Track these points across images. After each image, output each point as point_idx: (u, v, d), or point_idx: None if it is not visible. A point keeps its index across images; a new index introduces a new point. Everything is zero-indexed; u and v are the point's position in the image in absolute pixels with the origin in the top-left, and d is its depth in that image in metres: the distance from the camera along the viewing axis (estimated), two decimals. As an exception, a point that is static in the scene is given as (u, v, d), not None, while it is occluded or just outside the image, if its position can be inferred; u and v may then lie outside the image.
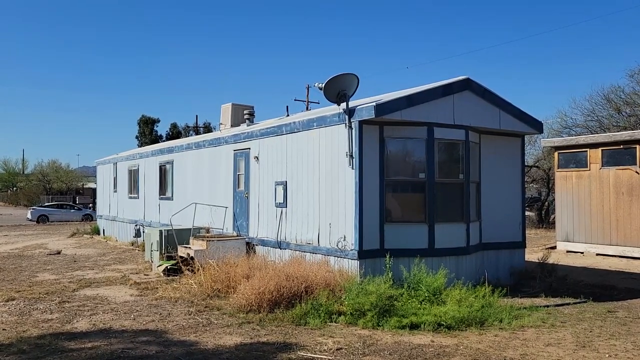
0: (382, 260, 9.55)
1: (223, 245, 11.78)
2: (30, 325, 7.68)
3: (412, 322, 7.53)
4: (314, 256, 10.35)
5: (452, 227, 10.04)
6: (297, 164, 11.05)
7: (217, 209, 13.76)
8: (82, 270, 13.20)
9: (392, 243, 9.63)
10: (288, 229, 11.26)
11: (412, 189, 10.04)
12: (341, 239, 9.72)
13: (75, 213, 37.09)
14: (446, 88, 10.00)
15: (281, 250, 11.41)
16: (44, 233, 25.96)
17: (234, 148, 13.47)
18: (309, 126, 10.69)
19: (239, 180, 13.23)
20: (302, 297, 8.33)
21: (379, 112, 9.11)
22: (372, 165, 9.60)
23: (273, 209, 11.80)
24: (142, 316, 8.20)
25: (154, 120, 61.66)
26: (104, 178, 23.73)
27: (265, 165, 12.16)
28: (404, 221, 9.83)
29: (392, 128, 9.75)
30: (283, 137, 11.55)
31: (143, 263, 14.05)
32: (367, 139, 9.57)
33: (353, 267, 9.41)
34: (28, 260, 15.12)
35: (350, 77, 9.75)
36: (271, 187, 11.90)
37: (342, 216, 9.77)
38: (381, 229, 9.66)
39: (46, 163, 69.29)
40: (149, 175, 18.65)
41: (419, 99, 9.65)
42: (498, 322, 7.73)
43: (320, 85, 9.83)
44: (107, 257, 15.92)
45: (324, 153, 10.30)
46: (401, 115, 9.46)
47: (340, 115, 9.79)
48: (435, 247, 9.77)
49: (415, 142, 9.88)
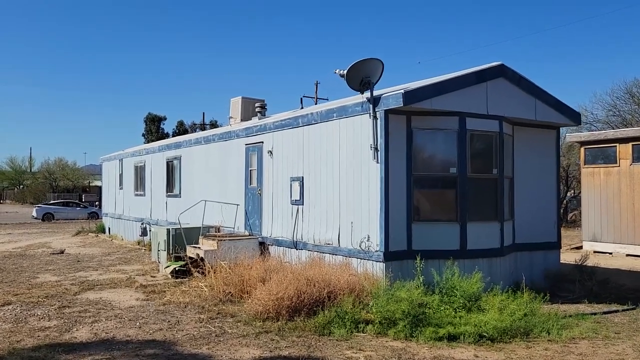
0: (409, 262, 8.75)
1: (235, 246, 11.02)
2: (26, 334, 6.93)
3: (449, 333, 6.74)
4: (334, 257, 9.56)
5: (485, 226, 9.21)
6: (315, 158, 10.26)
7: (228, 207, 13.00)
8: (86, 271, 12.49)
9: (421, 244, 8.82)
10: (305, 228, 10.48)
11: (442, 185, 9.23)
12: (364, 239, 8.92)
13: (81, 211, 36.49)
14: (479, 75, 9.18)
15: (297, 250, 10.63)
16: (49, 231, 25.33)
17: (245, 142, 12.70)
18: (329, 117, 9.89)
19: (251, 176, 12.46)
20: (324, 304, 7.55)
21: (407, 100, 8.30)
22: (398, 159, 8.80)
23: (288, 206, 11.01)
24: (149, 324, 7.44)
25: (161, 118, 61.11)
26: (110, 175, 23.04)
27: (280, 159, 11.38)
28: (434, 220, 9.02)
29: (420, 118, 8.93)
30: (299, 129, 10.76)
31: (150, 263, 13.32)
32: (394, 130, 8.77)
33: (378, 270, 8.61)
34: (30, 260, 14.43)
35: (375, 62, 8.94)
36: (286, 183, 11.12)
37: (365, 214, 8.98)
38: (408, 229, 8.86)
39: (53, 161, 68.88)
40: (155, 171, 17.93)
41: (450, 87, 8.84)
42: (545, 333, 6.91)
43: (341, 72, 9.03)
44: (112, 256, 15.21)
45: (344, 146, 9.51)
46: (431, 104, 8.65)
47: (364, 104, 8.99)
48: (467, 249, 8.95)
49: (446, 134, 9.06)
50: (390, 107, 8.55)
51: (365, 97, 8.98)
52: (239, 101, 16.26)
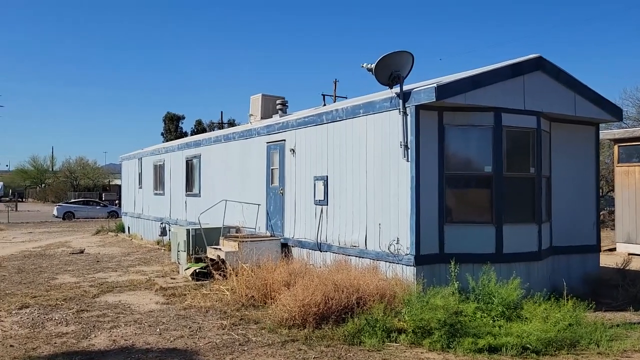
0: (441, 266, 8.29)
1: (256, 247, 10.65)
2: (42, 340, 6.64)
3: (489, 344, 6.26)
4: (361, 260, 9.13)
5: (522, 228, 8.69)
6: (340, 157, 9.83)
7: (249, 207, 12.64)
8: (105, 272, 12.24)
9: (454, 247, 8.35)
10: (329, 229, 10.06)
11: (477, 185, 8.73)
12: (394, 241, 8.47)
13: (101, 210, 36.58)
14: (515, 68, 8.65)
15: (321, 252, 10.22)
16: (69, 230, 25.32)
17: (267, 140, 12.32)
18: (355, 113, 9.46)
19: (273, 175, 12.08)
20: (353, 311, 7.12)
21: (440, 95, 7.83)
22: (430, 157, 8.33)
23: (312, 206, 10.61)
24: (169, 330, 7.10)
25: (179, 117, 61.24)
26: (129, 174, 22.90)
27: (303, 158, 10.98)
28: (467, 222, 8.52)
29: (453, 114, 8.45)
30: (323, 126, 10.34)
31: (169, 264, 13.04)
32: (425, 126, 8.30)
33: (408, 275, 8.16)
34: (49, 260, 14.26)
35: (405, 55, 8.48)
36: (309, 182, 10.71)
37: (394, 215, 8.53)
38: (440, 231, 8.39)
39: (74, 160, 69.50)
40: (175, 170, 17.67)
41: (485, 81, 8.33)
42: (594, 345, 6.39)
43: (369, 66, 8.58)
44: (131, 257, 14.98)
45: (372, 143, 9.06)
46: (465, 99, 8.16)
47: (393, 99, 8.53)
48: (503, 252, 8.44)
49: (481, 131, 8.55)
50: (421, 102, 8.08)
51: (395, 92, 8.52)
52: (259, 99, 15.90)
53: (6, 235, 22.25)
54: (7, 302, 8.74)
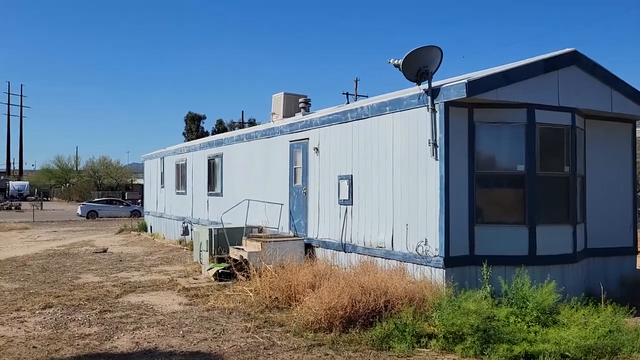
0: (471, 269, 8.00)
1: (280, 247, 10.48)
2: (65, 342, 6.55)
3: (525, 352, 5.97)
4: (387, 262, 8.88)
5: (556, 229, 8.35)
6: (366, 155, 9.59)
7: (271, 207, 12.48)
8: (128, 271, 12.21)
9: (484, 249, 8.05)
10: (354, 229, 9.83)
11: (509, 184, 8.41)
12: (422, 242, 8.21)
13: (123, 209, 36.93)
14: (549, 62, 8.31)
15: (346, 253, 9.99)
16: (92, 229, 25.54)
17: (290, 139, 12.14)
18: (381, 111, 9.21)
19: (296, 174, 11.89)
20: (381, 314, 6.89)
21: (471, 91, 7.53)
22: (459, 155, 8.05)
23: (336, 206, 10.39)
24: (193, 332, 6.95)
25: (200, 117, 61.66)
26: (151, 173, 22.98)
27: (327, 157, 10.77)
28: (499, 222, 8.21)
29: (483, 111, 8.15)
30: (348, 124, 10.12)
31: (192, 264, 12.95)
32: (454, 124, 8.02)
33: (437, 277, 7.88)
34: (73, 259, 14.31)
35: (433, 50, 8.20)
36: (334, 181, 10.49)
37: (422, 216, 8.26)
38: (471, 232, 8.10)
39: (97, 160, 70.46)
40: (197, 169, 17.63)
41: (517, 76, 8.01)
42: (637, 353, 6.05)
43: (396, 62, 8.33)
44: (153, 256, 14.96)
45: (399, 142, 8.81)
46: (497, 95, 7.85)
47: (421, 96, 8.26)
48: (536, 254, 8.12)
49: (513, 128, 8.23)
50: (451, 98, 7.80)
51: (423, 88, 8.25)
52: (281, 97, 15.73)
53: (31, 234, 22.53)
54: (31, 302, 8.72)
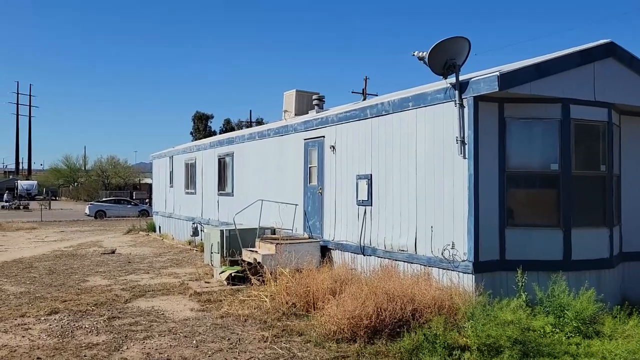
0: (502, 274, 7.51)
1: (295, 250, 10.03)
2: (71, 352, 6.12)
3: (570, 367, 5.48)
4: (410, 266, 8.41)
5: (592, 232, 7.84)
6: (386, 154, 9.12)
7: (285, 207, 12.03)
8: (137, 273, 11.80)
9: (516, 253, 7.55)
10: (374, 231, 9.36)
11: (541, 184, 7.90)
12: (448, 246, 7.72)
13: (132, 208, 36.63)
14: (585, 55, 7.80)
15: (365, 256, 9.53)
16: (100, 229, 25.22)
17: (304, 137, 11.68)
18: (403, 106, 8.73)
19: (311, 174, 11.43)
20: (409, 324, 6.41)
21: (503, 85, 7.04)
22: (489, 153, 7.55)
23: (354, 207, 9.92)
24: (207, 342, 6.51)
25: (208, 116, 61.41)
26: (160, 173, 22.60)
27: (344, 155, 10.30)
28: (531, 225, 7.71)
29: (515, 106, 7.65)
30: (367, 121, 9.64)
31: (202, 266, 12.53)
32: (484, 120, 7.52)
33: (466, 283, 7.40)
34: (80, 261, 13.93)
35: (461, 41, 7.72)
36: (351, 181, 10.02)
37: (449, 217, 7.78)
38: (501, 235, 7.60)
39: (105, 159, 70.34)
40: (206, 169, 17.21)
41: (552, 68, 7.50)
42: (692, 370, 5.55)
43: (421, 54, 7.85)
44: (163, 257, 14.55)
45: (422, 139, 8.33)
46: (530, 89, 7.35)
47: (448, 90, 7.78)
48: (572, 259, 7.61)
49: (546, 124, 7.73)
50: (480, 92, 7.31)
51: (449, 82, 7.77)
52: (293, 94, 15.29)
53: (39, 234, 22.22)
54: (37, 307, 8.31)
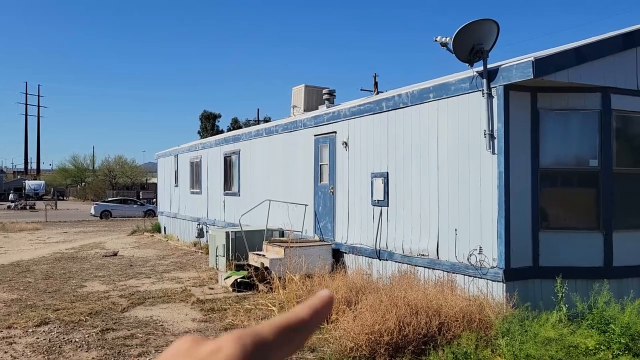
0: (535, 282, 6.78)
1: (305, 253, 9.34)
2: (56, 372, 5.47)
3: (625, 393, 4.74)
4: (432, 272, 7.69)
5: (635, 236, 7.09)
6: (404, 150, 8.40)
7: (295, 208, 11.33)
8: (137, 278, 11.16)
9: (551, 259, 6.81)
10: (391, 234, 8.65)
11: (579, 182, 7.15)
12: (475, 251, 7.00)
13: (137, 208, 36.07)
14: (627, 38, 7.04)
15: (381, 261, 8.82)
16: (105, 230, 24.65)
17: (314, 133, 10.99)
18: (423, 98, 8.01)
19: (322, 172, 10.73)
20: (435, 340, 5.70)
21: (539, 71, 6.30)
22: (520, 148, 6.82)
23: (369, 207, 9.21)
24: None
25: (216, 116, 60.87)
26: (165, 172, 21.99)
27: (358, 152, 9.59)
28: (568, 228, 6.97)
29: (549, 96, 6.91)
30: (383, 115, 8.93)
31: (207, 270, 11.86)
32: (515, 111, 6.79)
33: (496, 292, 6.67)
34: (80, 264, 13.31)
35: (489, 24, 6.98)
36: (366, 179, 9.32)
37: (475, 219, 7.05)
38: (534, 239, 6.87)
39: (112, 159, 70.00)
40: (212, 167, 16.56)
41: (592, 53, 6.76)
42: None
43: (444, 40, 7.12)
44: (166, 260, 13.91)
45: (445, 133, 7.60)
46: (568, 77, 6.61)
47: (474, 79, 7.05)
48: (613, 265, 6.86)
49: (584, 116, 6.98)
50: (512, 81, 6.57)
51: (476, 70, 7.04)
52: (302, 90, 14.57)
53: (41, 235, 21.68)
54: (26, 317, 7.67)
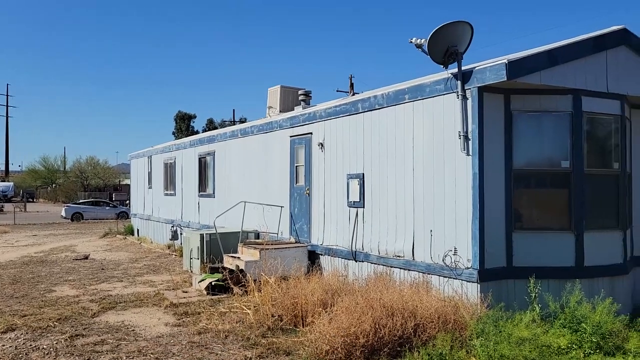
0: (509, 283, 6.84)
1: (281, 255, 9.26)
2: (22, 380, 5.28)
3: (597, 392, 4.81)
4: (407, 273, 7.70)
5: (605, 236, 7.21)
6: (380, 151, 8.40)
7: (270, 209, 11.24)
8: (109, 282, 10.91)
9: (524, 259, 6.88)
10: (367, 235, 8.63)
11: (551, 183, 7.24)
12: (450, 252, 7.02)
13: (110, 210, 35.42)
14: (598, 41, 7.16)
15: (357, 262, 8.79)
16: (76, 232, 24.11)
17: (290, 134, 10.92)
18: (398, 99, 8.01)
19: (298, 173, 10.67)
20: (411, 342, 5.69)
21: (512, 73, 6.35)
22: (494, 149, 6.87)
23: (344, 209, 9.19)
24: (181, 365, 5.71)
25: (191, 116, 60.21)
26: (138, 173, 21.62)
27: (334, 153, 9.56)
28: (540, 228, 7.05)
29: (522, 98, 6.98)
30: (359, 116, 8.91)
31: (181, 273, 11.69)
32: (489, 113, 6.84)
33: (471, 293, 6.70)
34: (49, 267, 12.97)
35: (462, 26, 7.01)
36: (341, 181, 9.29)
37: (450, 220, 7.08)
38: (508, 239, 6.93)
39: (84, 160, 68.61)
40: (186, 169, 16.34)
41: (564, 56, 6.85)
42: None
43: (419, 41, 7.13)
44: (139, 263, 13.66)
45: (420, 134, 7.62)
46: (540, 79, 6.68)
47: (449, 81, 7.08)
48: (584, 265, 6.96)
49: (556, 118, 7.07)
50: (486, 82, 6.62)
51: (451, 72, 7.07)
52: (277, 90, 14.47)
53: (9, 239, 21.08)
54: (-9, 324, 7.42)
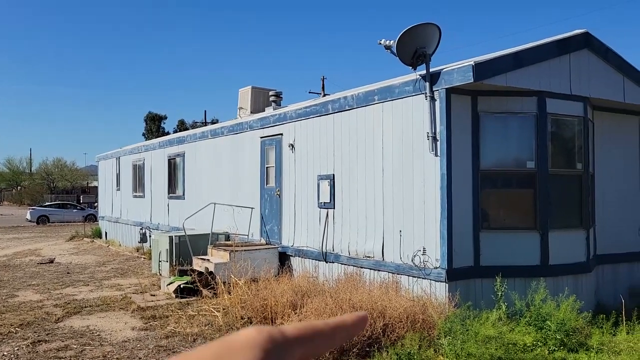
0: (476, 282, 6.93)
1: (251, 257, 9.19)
2: (-21, 389, 5.10)
3: (561, 387, 4.90)
4: (377, 274, 7.73)
5: (569, 235, 7.37)
6: (350, 152, 8.42)
7: (241, 211, 11.15)
8: (75, 286, 10.64)
9: (491, 258, 6.98)
10: (337, 236, 8.64)
11: (517, 184, 7.37)
12: (419, 252, 7.08)
13: (77, 213, 34.61)
14: (561, 45, 7.33)
15: (327, 264, 8.79)
16: (41, 236, 23.47)
17: (261, 135, 10.85)
18: (368, 100, 8.05)
19: (268, 174, 10.61)
20: (380, 342, 5.71)
21: (478, 75, 6.45)
22: (462, 150, 6.96)
23: (315, 210, 9.17)
24: (147, 369, 5.60)
25: (161, 117, 59.37)
26: (106, 175, 21.20)
27: (304, 154, 9.54)
28: (507, 228, 7.17)
29: (489, 99, 7.09)
30: (329, 117, 8.92)
31: (150, 276, 11.48)
32: (457, 114, 6.93)
33: (439, 292, 6.77)
34: (12, 272, 12.58)
35: (430, 28, 7.09)
36: (312, 182, 9.28)
37: (419, 221, 7.14)
38: (475, 239, 7.02)
39: (51, 161, 66.95)
40: (156, 170, 16.08)
41: (529, 58, 6.98)
42: (689, 385, 5.07)
43: (388, 43, 7.18)
44: (107, 267, 13.36)
45: (390, 135, 7.67)
46: (506, 81, 6.80)
47: (417, 82, 7.14)
48: (549, 264, 7.10)
49: (522, 119, 7.20)
50: (453, 84, 6.70)
51: (419, 73, 7.14)
52: (248, 91, 14.40)
53: (-30, 243, 20.39)
54: (-52, 331, 7.14)
